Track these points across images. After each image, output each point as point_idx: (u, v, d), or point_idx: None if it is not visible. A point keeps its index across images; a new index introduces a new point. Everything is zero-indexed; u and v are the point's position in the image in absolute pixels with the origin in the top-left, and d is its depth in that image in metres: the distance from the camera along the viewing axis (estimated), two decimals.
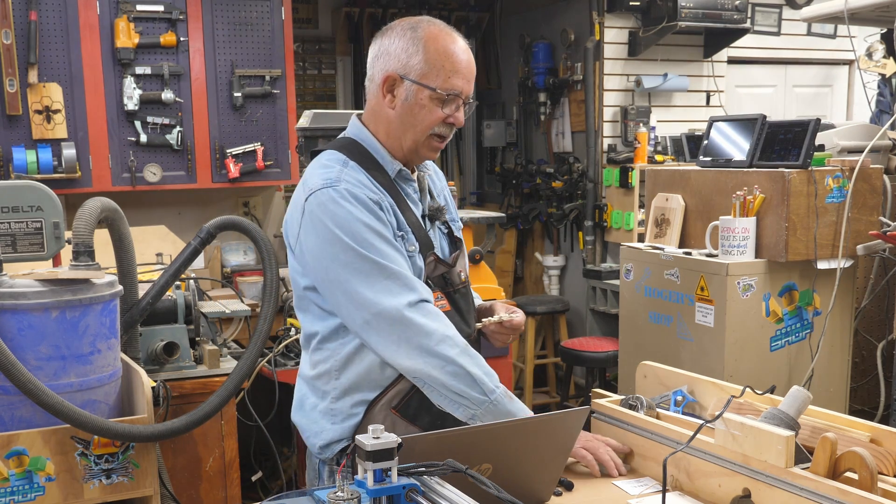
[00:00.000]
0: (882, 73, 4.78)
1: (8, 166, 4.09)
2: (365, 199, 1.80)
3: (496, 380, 1.81)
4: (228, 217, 2.78)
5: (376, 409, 1.88)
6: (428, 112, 1.84)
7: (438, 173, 2.11)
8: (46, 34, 4.16)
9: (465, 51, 1.86)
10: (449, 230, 2.02)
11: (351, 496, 1.33)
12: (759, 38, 5.55)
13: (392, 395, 1.87)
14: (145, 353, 2.83)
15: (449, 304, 1.91)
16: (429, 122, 1.85)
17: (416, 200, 1.94)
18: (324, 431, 1.92)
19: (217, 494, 2.89)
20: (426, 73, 1.82)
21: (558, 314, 5.45)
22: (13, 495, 2.20)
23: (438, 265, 1.91)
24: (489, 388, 1.78)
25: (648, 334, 3.37)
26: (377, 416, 1.87)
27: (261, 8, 4.54)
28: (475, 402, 1.77)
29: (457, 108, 1.85)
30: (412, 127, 1.86)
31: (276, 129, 4.63)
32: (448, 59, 1.83)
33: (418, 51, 1.83)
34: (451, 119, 1.85)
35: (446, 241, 2.00)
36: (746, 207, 3.06)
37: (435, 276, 1.90)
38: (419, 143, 1.88)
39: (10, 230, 2.45)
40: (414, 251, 1.87)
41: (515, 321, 1.99)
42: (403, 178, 1.92)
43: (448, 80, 1.82)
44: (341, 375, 1.90)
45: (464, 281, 1.97)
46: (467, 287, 1.99)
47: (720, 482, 1.73)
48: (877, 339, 3.47)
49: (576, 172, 5.49)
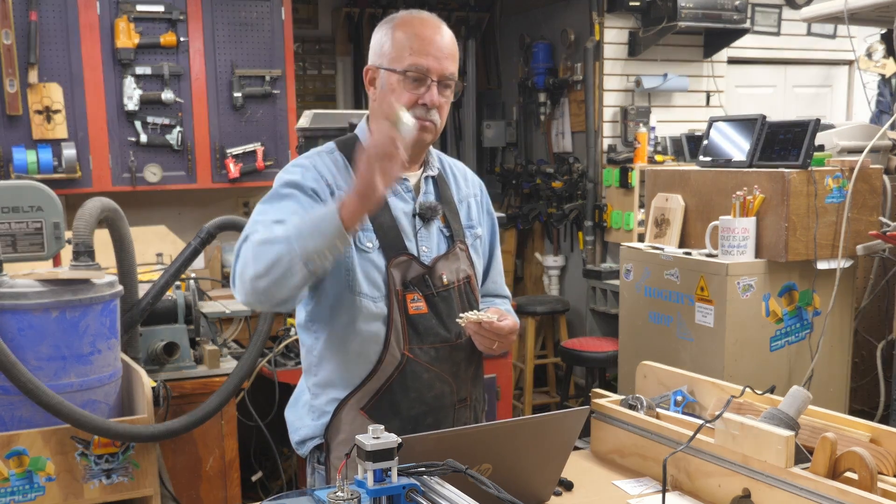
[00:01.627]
0: (882, 73, 4.78)
1: (8, 166, 4.09)
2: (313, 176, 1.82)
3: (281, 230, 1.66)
4: (228, 217, 2.78)
5: (346, 408, 1.89)
6: (398, 96, 1.82)
7: (469, 179, 2.09)
8: (46, 34, 4.16)
9: (435, 30, 1.84)
10: (450, 233, 1.96)
11: (351, 496, 1.33)
12: (758, 39, 5.55)
13: (361, 395, 1.88)
14: (145, 353, 2.83)
15: (427, 306, 1.88)
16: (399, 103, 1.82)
17: (404, 197, 1.91)
18: (302, 428, 1.95)
19: (217, 494, 2.89)
20: (394, 58, 1.83)
21: (558, 314, 5.45)
22: (13, 495, 2.20)
23: (414, 266, 1.88)
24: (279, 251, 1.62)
25: (648, 334, 3.37)
26: (346, 415, 1.89)
27: (261, 8, 4.54)
28: (285, 251, 1.62)
29: (427, 87, 1.82)
30: (386, 110, 1.85)
31: (276, 129, 4.63)
32: (414, 40, 1.82)
33: (389, 39, 1.85)
34: (423, 99, 1.81)
35: (448, 242, 1.96)
36: (746, 207, 3.06)
37: (413, 278, 1.87)
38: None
39: (10, 230, 2.45)
40: (371, 248, 1.84)
41: (496, 325, 1.83)
42: None
43: (412, 59, 1.81)
44: (318, 371, 1.92)
45: (446, 284, 1.91)
46: (451, 291, 1.92)
47: (720, 482, 1.73)
48: (877, 339, 3.47)
49: (576, 172, 5.49)
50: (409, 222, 1.91)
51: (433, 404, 1.89)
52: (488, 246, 2.13)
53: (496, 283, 2.17)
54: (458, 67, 1.91)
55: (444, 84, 1.85)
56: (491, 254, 2.14)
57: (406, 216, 1.91)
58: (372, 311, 1.84)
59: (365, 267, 1.84)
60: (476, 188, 2.10)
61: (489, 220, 2.13)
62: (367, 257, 1.84)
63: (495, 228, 2.15)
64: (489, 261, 2.14)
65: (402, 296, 1.86)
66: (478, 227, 2.05)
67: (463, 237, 1.99)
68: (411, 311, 1.86)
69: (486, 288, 2.14)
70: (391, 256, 1.85)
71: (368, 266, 1.84)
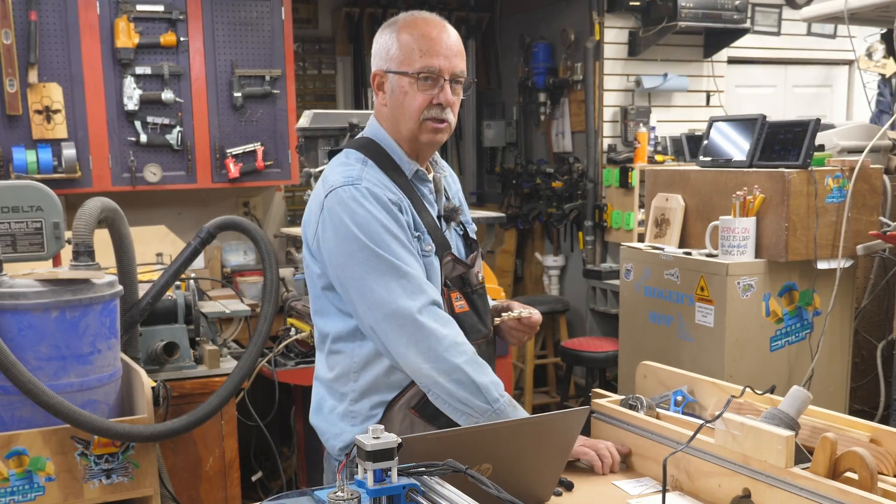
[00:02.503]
0: (882, 73, 4.77)
1: (8, 166, 4.09)
2: (384, 199, 1.81)
3: (501, 388, 1.80)
4: (228, 217, 2.78)
5: (395, 409, 1.88)
6: (412, 98, 1.84)
7: (454, 176, 2.12)
8: (46, 34, 4.16)
9: (441, 30, 1.85)
10: (464, 231, 2.02)
11: (351, 496, 1.33)
12: (759, 38, 5.55)
13: (411, 395, 1.87)
14: (145, 353, 2.83)
15: (468, 304, 1.92)
16: (414, 107, 1.84)
17: (431, 201, 1.94)
18: (343, 433, 1.92)
19: (217, 494, 2.89)
20: (402, 61, 1.84)
21: (558, 314, 5.45)
22: (13, 495, 2.20)
23: (457, 266, 1.92)
24: (493, 397, 1.78)
25: (648, 334, 3.37)
26: (396, 416, 1.87)
27: (261, 8, 4.54)
28: (478, 411, 1.77)
29: (440, 87, 1.83)
30: (402, 116, 1.87)
31: (276, 129, 4.63)
32: (421, 41, 1.83)
33: (394, 42, 1.85)
34: (437, 99, 1.83)
35: (462, 242, 2.00)
36: (746, 207, 3.06)
37: (453, 277, 1.91)
38: (415, 131, 1.87)
39: (10, 230, 2.45)
40: (430, 252, 1.87)
41: (534, 318, 2.03)
42: (420, 178, 1.93)
43: (423, 61, 1.82)
44: (360, 377, 1.89)
45: (481, 282, 1.98)
46: (484, 288, 2.00)
47: (720, 482, 1.73)
48: (877, 339, 3.47)
49: (576, 172, 5.49)
50: (440, 223, 1.95)
51: None
52: None
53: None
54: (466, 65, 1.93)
55: (455, 82, 1.86)
56: None
57: (436, 217, 1.94)
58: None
59: (431, 269, 1.88)
60: (458, 183, 2.14)
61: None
62: (429, 260, 1.88)
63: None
64: None
65: (449, 295, 1.89)
66: (472, 223, 2.09)
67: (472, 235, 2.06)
68: (457, 309, 1.90)
69: None
70: (441, 256, 1.89)
71: (433, 268, 1.88)
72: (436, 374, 1.76)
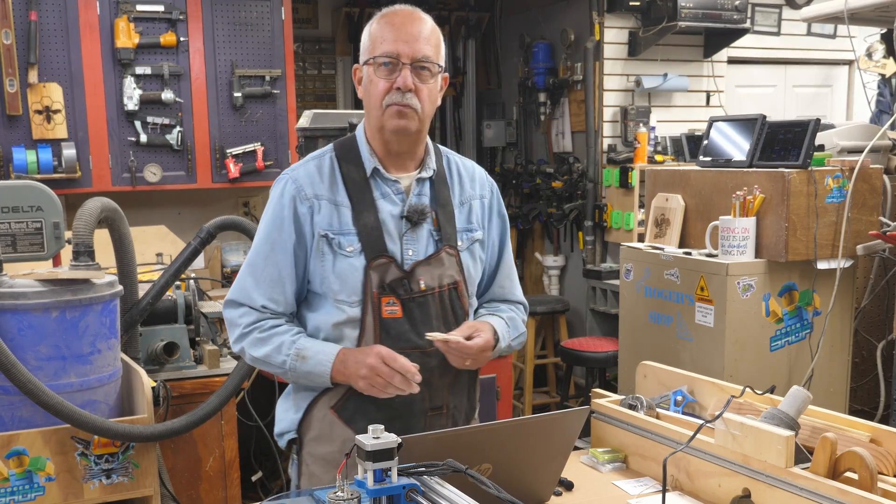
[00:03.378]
0: (882, 73, 4.78)
1: (8, 166, 4.09)
2: (291, 194, 1.88)
3: (284, 347, 1.85)
4: (228, 217, 2.79)
5: (318, 405, 1.91)
6: (375, 85, 1.84)
7: (477, 180, 2.04)
8: (46, 34, 4.16)
9: (406, 18, 1.85)
10: (440, 237, 1.91)
11: (351, 496, 1.33)
12: (759, 38, 5.55)
13: (332, 394, 1.89)
14: (145, 353, 2.83)
15: (402, 311, 1.86)
16: (377, 93, 1.84)
17: (394, 200, 1.89)
18: (283, 420, 1.99)
19: (217, 494, 2.89)
20: (368, 50, 1.86)
21: (558, 314, 5.45)
22: (13, 495, 2.20)
23: (392, 269, 1.86)
24: (277, 362, 1.86)
25: (648, 334, 3.37)
26: (318, 413, 1.91)
27: (261, 8, 4.54)
28: (281, 373, 1.89)
29: (399, 72, 1.81)
30: (370, 105, 1.87)
31: (276, 129, 4.63)
32: (385, 29, 1.84)
33: (366, 34, 1.88)
34: (397, 83, 1.81)
35: (434, 246, 1.92)
36: (746, 207, 3.06)
37: (392, 281, 1.85)
38: (381, 119, 1.85)
39: (10, 230, 2.45)
40: (353, 252, 1.84)
41: (463, 344, 1.81)
42: (381, 176, 1.90)
43: (383, 47, 1.82)
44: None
45: (423, 290, 1.87)
46: (428, 298, 1.88)
47: (720, 482, 1.74)
48: (877, 339, 3.47)
49: (576, 172, 5.49)
50: (396, 224, 1.88)
51: (401, 410, 1.86)
52: (497, 249, 2.07)
53: (503, 287, 2.09)
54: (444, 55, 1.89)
55: (419, 67, 1.83)
56: (499, 258, 2.08)
57: (394, 218, 1.88)
58: (345, 313, 1.85)
59: (343, 270, 1.85)
60: (485, 189, 2.05)
61: (499, 223, 2.07)
62: (347, 261, 1.85)
63: (505, 231, 2.09)
64: (497, 265, 2.08)
65: (378, 299, 1.84)
66: (477, 231, 1.99)
67: (454, 241, 1.93)
68: (385, 314, 1.85)
69: (492, 293, 2.08)
70: (371, 258, 1.84)
71: (347, 269, 1.85)
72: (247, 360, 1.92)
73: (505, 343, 1.96)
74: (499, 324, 1.97)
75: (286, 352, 1.84)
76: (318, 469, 1.93)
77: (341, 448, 1.88)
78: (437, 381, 1.89)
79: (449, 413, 1.94)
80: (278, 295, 1.88)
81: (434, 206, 1.92)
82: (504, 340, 1.95)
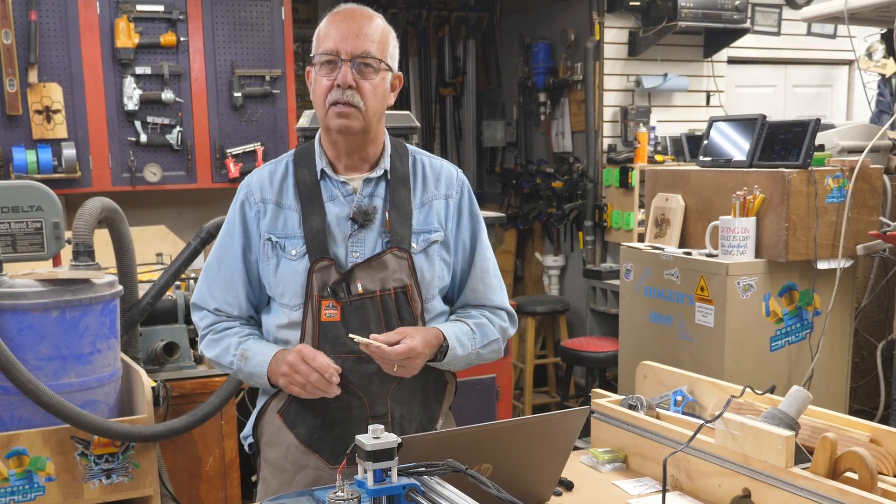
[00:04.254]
0: (882, 73, 4.77)
1: (8, 166, 4.09)
2: (241, 198, 1.92)
3: (232, 348, 1.88)
4: None
5: (268, 410, 1.92)
6: (318, 85, 1.83)
7: (444, 180, 1.94)
8: (46, 34, 4.16)
9: (348, 16, 1.83)
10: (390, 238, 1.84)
11: (351, 496, 1.33)
12: (759, 38, 5.55)
13: (278, 399, 1.90)
14: (145, 353, 2.83)
15: (340, 314, 1.81)
16: (320, 92, 1.81)
17: (342, 202, 1.86)
18: (247, 424, 2.00)
19: (217, 494, 2.89)
20: (314, 49, 1.86)
21: (558, 314, 5.45)
22: (13, 495, 2.20)
23: (332, 272, 1.82)
24: (226, 363, 1.89)
25: (648, 334, 3.37)
26: (268, 417, 1.92)
27: (261, 8, 4.54)
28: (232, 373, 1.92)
29: (338, 69, 1.79)
30: (316, 105, 1.85)
31: (276, 129, 4.63)
32: (324, 27, 1.84)
33: (314, 36, 1.88)
34: (336, 81, 1.78)
35: (383, 248, 1.85)
36: (746, 207, 3.06)
37: (333, 283, 1.81)
38: (326, 120, 1.83)
39: (10, 230, 2.45)
40: (297, 256, 1.83)
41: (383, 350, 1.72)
42: (330, 178, 1.88)
43: (323, 45, 1.82)
44: None
45: (361, 294, 1.81)
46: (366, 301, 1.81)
47: (720, 482, 1.73)
48: (877, 339, 3.47)
49: (576, 172, 5.49)
50: (342, 226, 1.85)
51: (339, 416, 1.83)
52: (469, 251, 1.97)
53: (476, 291, 1.97)
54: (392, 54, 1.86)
55: (361, 63, 1.79)
56: (471, 260, 1.97)
57: (341, 220, 1.85)
58: (288, 317, 1.85)
59: (286, 274, 1.84)
60: (452, 188, 1.94)
61: (470, 223, 1.97)
62: (290, 264, 1.84)
63: (478, 232, 1.98)
64: (468, 268, 1.97)
65: (319, 302, 1.81)
66: (437, 232, 1.89)
67: (407, 243, 1.85)
68: (324, 318, 1.81)
69: (464, 297, 1.98)
70: (314, 261, 1.82)
71: (290, 273, 1.84)
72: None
73: (466, 351, 1.87)
74: (455, 329, 1.87)
75: (233, 352, 1.87)
76: (268, 473, 1.91)
77: (286, 453, 1.87)
78: (377, 389, 1.83)
79: (395, 423, 1.84)
80: (231, 298, 1.91)
81: (387, 207, 1.86)
82: (463, 348, 1.86)
